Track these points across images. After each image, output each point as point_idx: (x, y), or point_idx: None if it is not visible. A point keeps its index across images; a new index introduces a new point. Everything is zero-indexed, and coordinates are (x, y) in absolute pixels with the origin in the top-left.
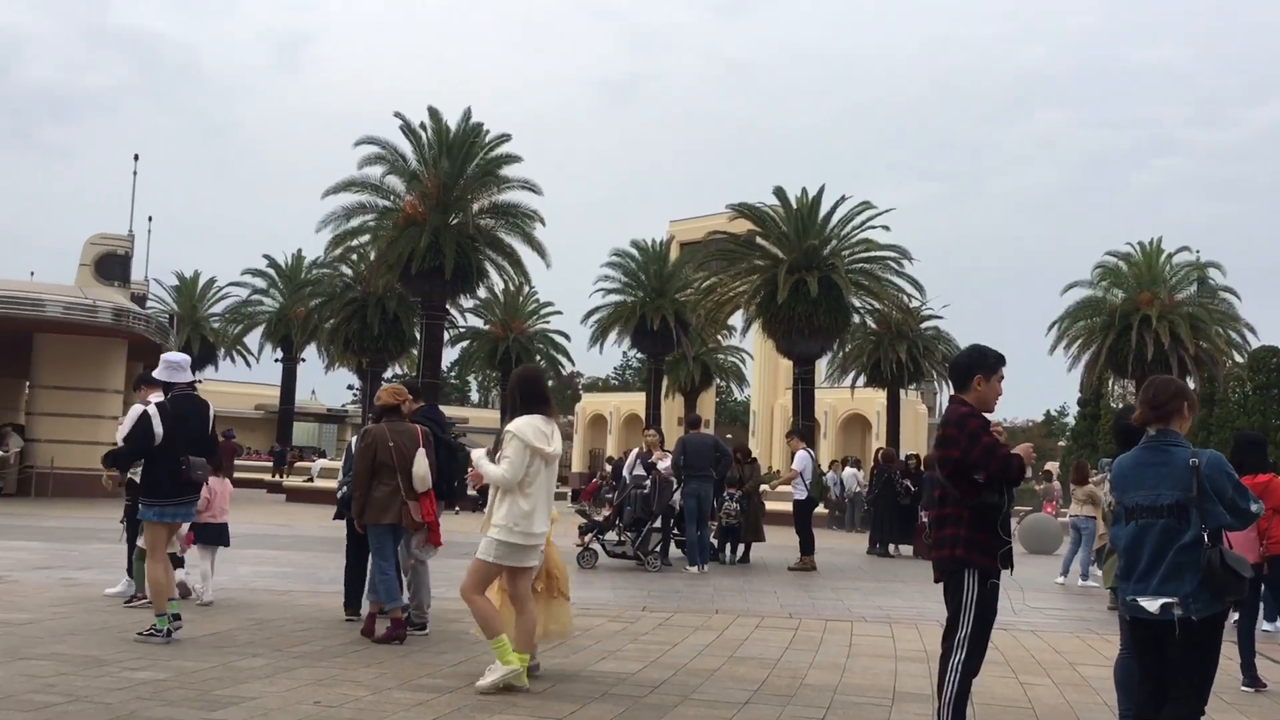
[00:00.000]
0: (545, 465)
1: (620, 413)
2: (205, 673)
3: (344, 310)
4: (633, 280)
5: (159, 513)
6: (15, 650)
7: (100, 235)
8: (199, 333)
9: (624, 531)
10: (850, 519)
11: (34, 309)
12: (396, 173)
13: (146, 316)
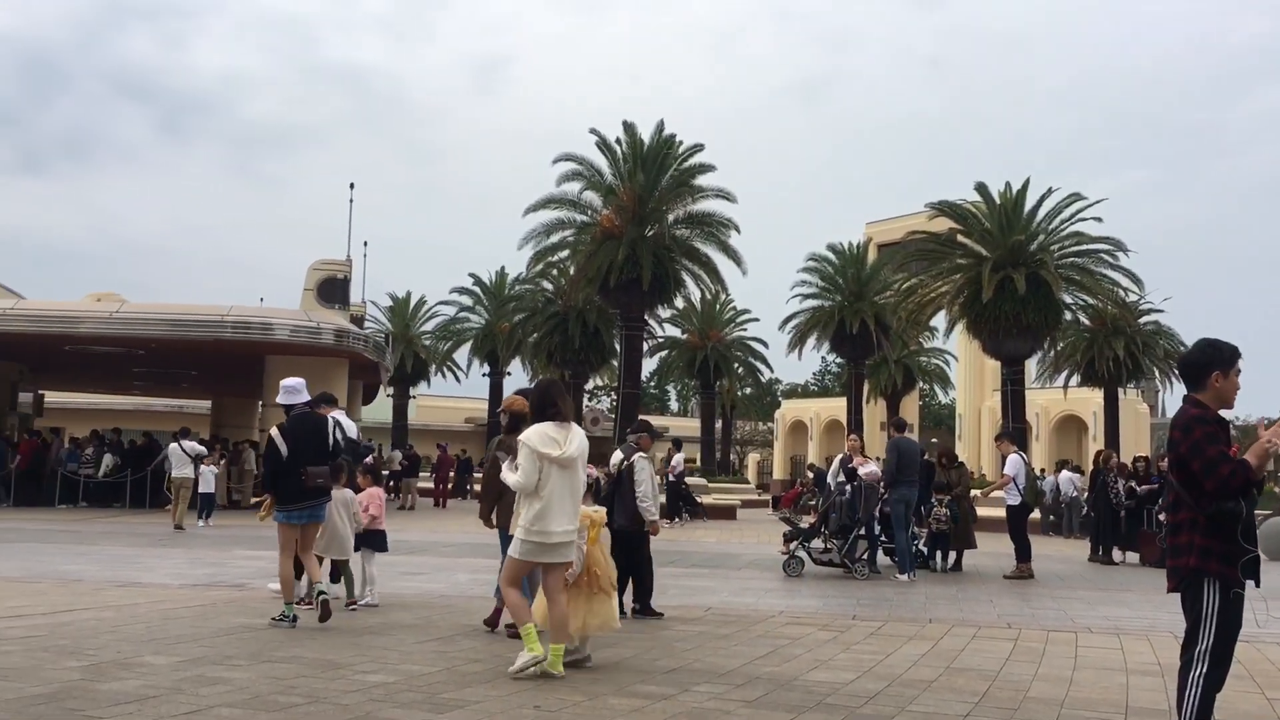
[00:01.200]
0: (559, 469)
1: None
2: (431, 676)
3: (546, 324)
4: (830, 284)
5: (287, 515)
6: (259, 654)
7: (321, 261)
8: (412, 350)
9: (829, 539)
10: (1068, 525)
11: (264, 333)
12: (593, 188)
13: (365, 336)
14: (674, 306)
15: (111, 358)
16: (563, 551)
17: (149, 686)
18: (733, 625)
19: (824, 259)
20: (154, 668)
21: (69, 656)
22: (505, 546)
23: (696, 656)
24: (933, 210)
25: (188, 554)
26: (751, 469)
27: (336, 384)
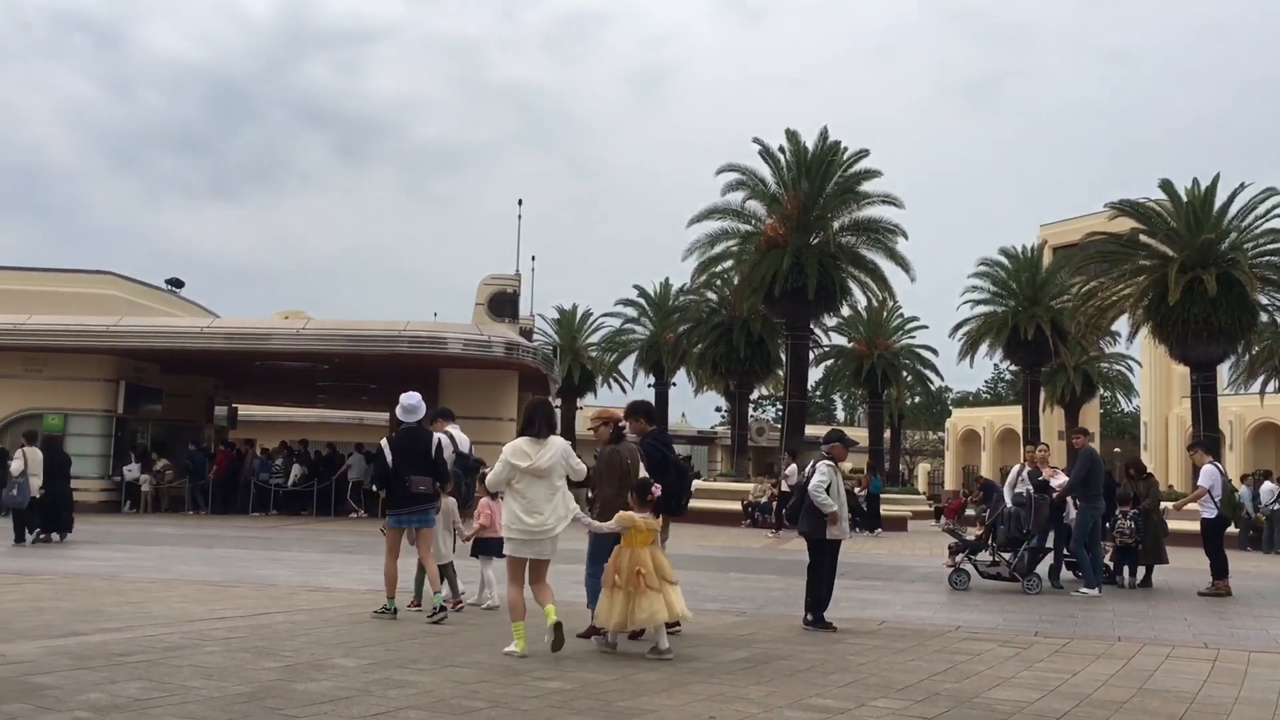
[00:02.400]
0: (533, 476)
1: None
2: (607, 684)
3: (710, 334)
4: (1003, 289)
5: (396, 519)
6: (441, 658)
7: (491, 276)
8: (579, 362)
9: (997, 551)
10: (1270, 539)
11: (438, 346)
12: (757, 197)
13: (533, 349)
14: (840, 315)
15: (298, 372)
16: (540, 545)
17: (340, 688)
18: (908, 639)
19: (996, 263)
20: (344, 670)
21: (267, 657)
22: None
23: (872, 671)
24: (1113, 210)
25: (372, 560)
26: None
27: (507, 396)
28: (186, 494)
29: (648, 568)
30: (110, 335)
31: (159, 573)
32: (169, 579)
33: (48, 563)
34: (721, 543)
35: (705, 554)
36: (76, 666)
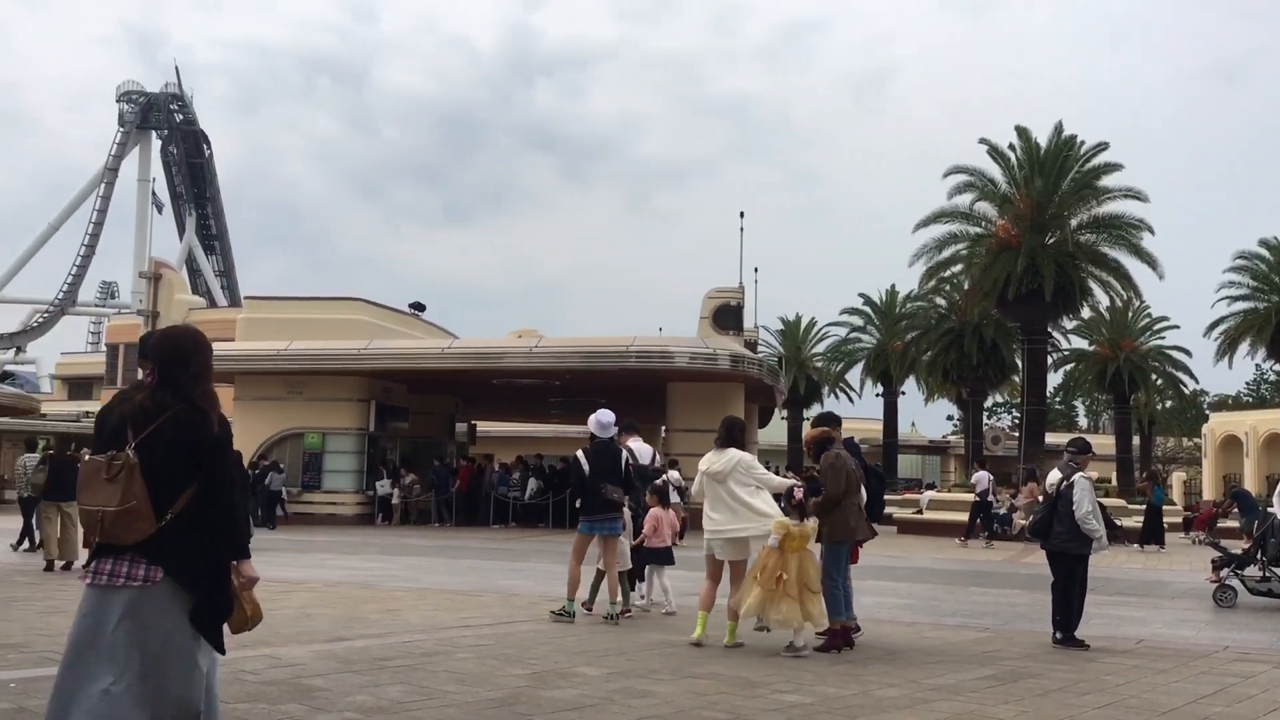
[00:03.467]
0: (714, 482)
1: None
2: (848, 699)
3: (940, 341)
4: (1264, 284)
5: (588, 526)
6: (680, 669)
7: (715, 289)
8: (804, 372)
9: (1268, 566)
10: None
11: (665, 361)
12: (986, 198)
13: (758, 360)
14: (1079, 317)
15: (531, 388)
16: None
17: (585, 696)
18: (1169, 660)
19: (1255, 256)
20: (588, 678)
21: (514, 664)
22: (830, 559)
23: (1131, 692)
24: None
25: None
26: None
27: (733, 408)
28: (432, 507)
29: (790, 575)
30: (361, 358)
31: (410, 582)
32: (420, 588)
33: (314, 572)
34: (958, 555)
35: (941, 566)
36: (343, 670)
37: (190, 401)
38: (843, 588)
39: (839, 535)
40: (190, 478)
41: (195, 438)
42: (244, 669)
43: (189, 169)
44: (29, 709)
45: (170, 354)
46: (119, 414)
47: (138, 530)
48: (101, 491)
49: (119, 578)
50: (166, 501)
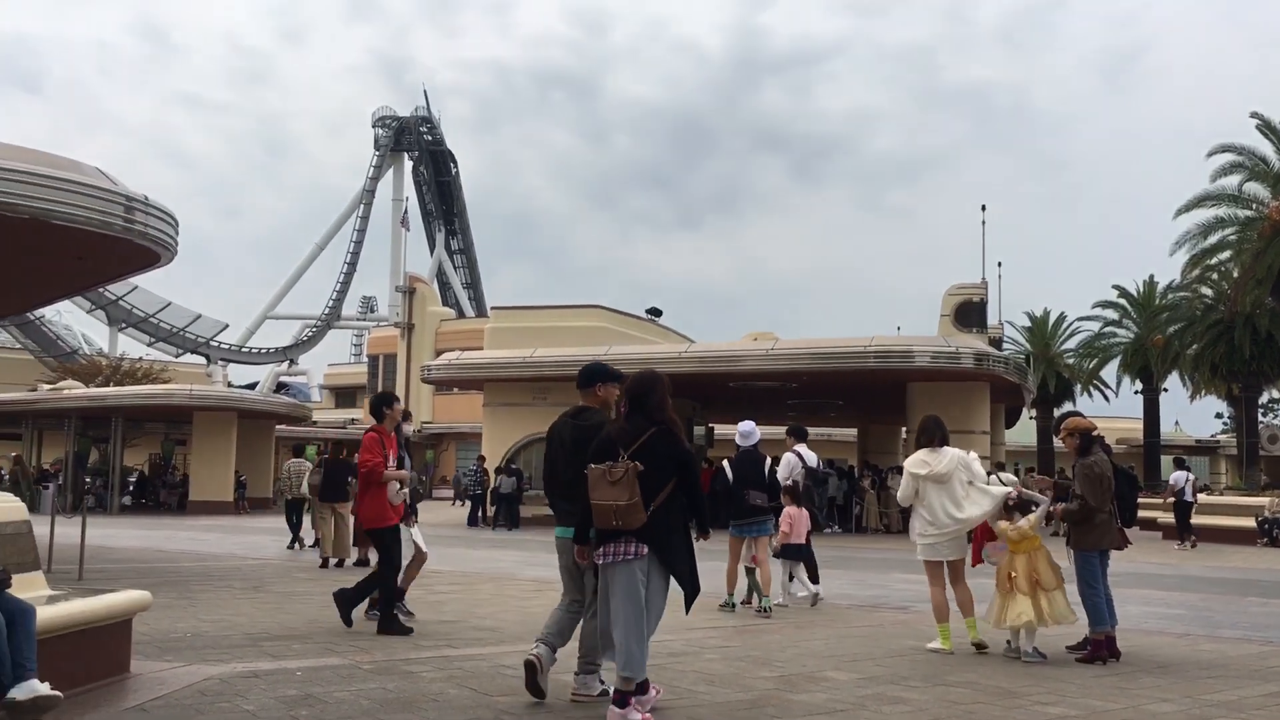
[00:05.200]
0: (934, 484)
1: None
2: (1114, 715)
3: (1207, 334)
4: None
5: (738, 530)
6: (933, 676)
7: (956, 286)
8: (1053, 370)
9: None
10: None
11: (905, 360)
12: (1257, 178)
13: (1004, 358)
14: None
15: (768, 391)
16: (949, 546)
17: (835, 700)
18: None
19: None
20: (837, 683)
21: (762, 666)
22: (1084, 568)
23: None
24: None
25: (849, 575)
26: None
27: (977, 408)
28: None
29: (1019, 572)
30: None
31: None
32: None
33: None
34: (1233, 563)
35: (1215, 575)
36: None
37: (664, 424)
38: (1103, 596)
39: (1088, 544)
40: (666, 480)
41: (673, 450)
42: (504, 664)
43: (438, 187)
44: (314, 695)
45: (639, 390)
46: (606, 434)
47: (636, 520)
48: (609, 491)
49: (620, 555)
50: (650, 497)
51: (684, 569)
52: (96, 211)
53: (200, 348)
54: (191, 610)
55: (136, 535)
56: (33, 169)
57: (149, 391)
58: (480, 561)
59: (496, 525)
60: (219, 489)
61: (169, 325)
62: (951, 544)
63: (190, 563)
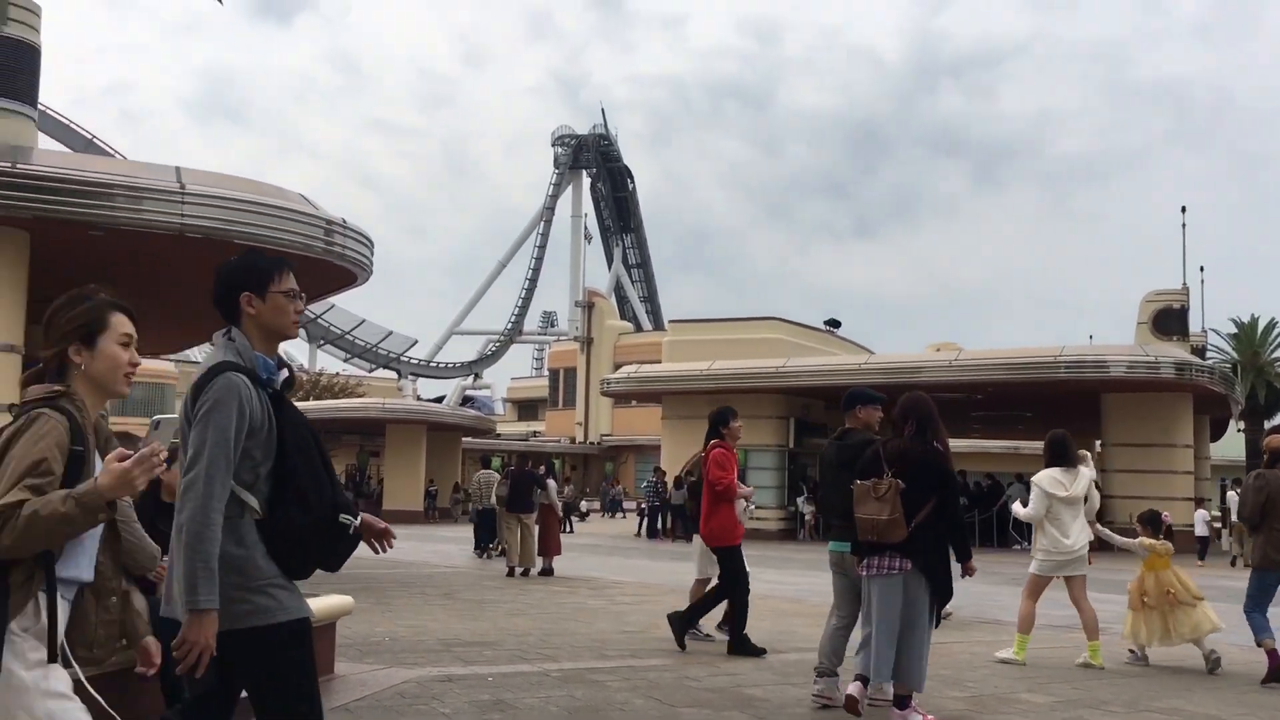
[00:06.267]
0: (1065, 504)
1: None
2: None
3: None
4: None
5: None
6: (1134, 702)
7: (1154, 292)
8: (1263, 379)
9: None
10: None
11: (1098, 370)
12: None
13: (1209, 368)
14: None
15: (951, 403)
16: (1076, 565)
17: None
18: None
19: None
20: (1032, 705)
21: (951, 686)
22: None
23: None
24: None
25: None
26: None
27: (1179, 420)
28: None
29: (1175, 586)
30: (779, 376)
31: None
32: None
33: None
34: None
35: None
36: (781, 682)
37: (933, 445)
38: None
39: (1260, 562)
40: (927, 498)
41: (935, 470)
42: (688, 675)
43: (615, 203)
44: (505, 700)
45: (923, 412)
46: (874, 451)
47: (898, 535)
48: (873, 505)
49: (884, 569)
50: (912, 513)
51: (940, 583)
52: (300, 235)
53: (391, 363)
54: (388, 615)
55: None
56: (244, 196)
57: (345, 405)
58: (661, 573)
59: (675, 537)
60: (410, 498)
61: (363, 342)
62: (1075, 562)
63: (385, 569)
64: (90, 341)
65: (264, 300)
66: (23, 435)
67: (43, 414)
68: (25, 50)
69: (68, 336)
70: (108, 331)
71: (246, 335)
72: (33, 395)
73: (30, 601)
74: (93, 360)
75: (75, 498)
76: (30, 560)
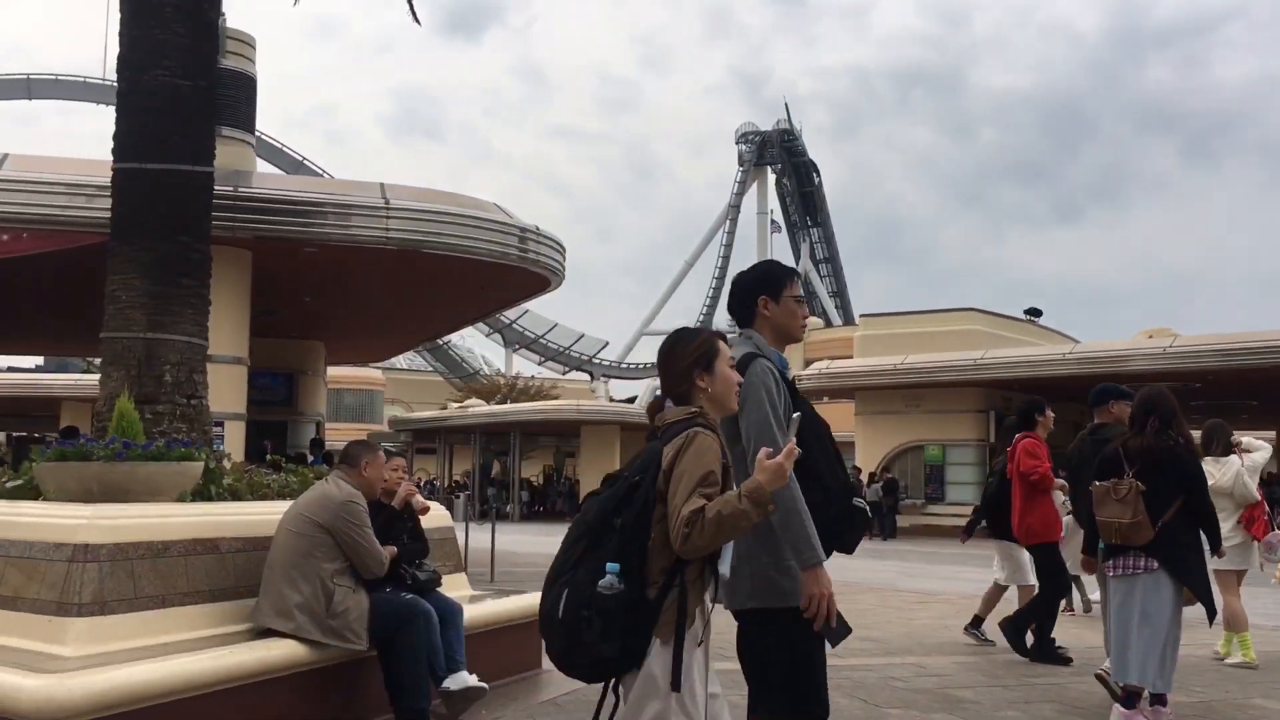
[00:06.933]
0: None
1: None
2: None
3: None
4: None
5: None
6: None
7: None
8: None
9: None
10: None
11: None
12: None
13: None
14: None
15: None
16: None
17: None
18: None
19: None
20: (1267, 712)
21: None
22: None
23: None
24: None
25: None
26: None
27: None
28: None
29: None
30: (978, 368)
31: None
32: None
33: (947, 584)
34: None
35: None
36: (990, 683)
37: (1179, 441)
38: None
39: None
40: (1173, 497)
41: (1180, 468)
42: (892, 675)
43: (801, 198)
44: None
45: (1166, 406)
46: (1113, 450)
47: (1143, 537)
48: (1114, 507)
49: (1129, 569)
50: (1158, 513)
51: (1198, 583)
52: (496, 244)
53: (584, 365)
54: None
55: (536, 541)
56: (443, 208)
57: (541, 407)
58: (859, 571)
59: (872, 535)
60: None
61: (556, 345)
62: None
63: None
64: (709, 367)
65: (778, 304)
66: (686, 452)
67: (699, 432)
68: (243, 80)
69: (694, 366)
70: (720, 357)
71: (761, 335)
72: (675, 417)
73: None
74: (713, 382)
75: (746, 495)
76: (700, 559)
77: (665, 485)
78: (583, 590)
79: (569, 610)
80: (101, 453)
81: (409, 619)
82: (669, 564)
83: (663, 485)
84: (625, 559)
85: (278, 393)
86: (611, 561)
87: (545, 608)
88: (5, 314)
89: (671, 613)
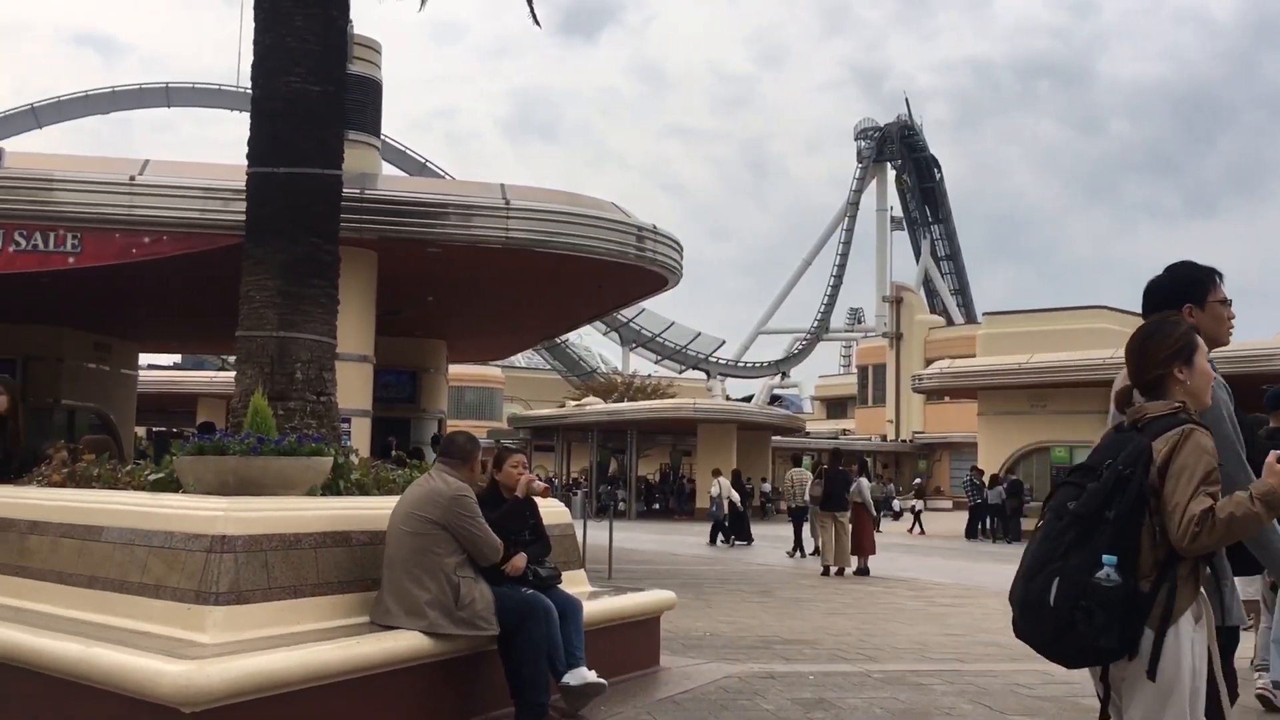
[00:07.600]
0: None
1: None
2: None
3: None
4: None
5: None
6: None
7: None
8: None
9: None
10: None
11: None
12: None
13: None
14: None
15: None
16: None
17: None
18: None
19: None
20: None
21: None
22: None
23: None
24: None
25: None
26: None
27: None
28: None
29: None
30: (1106, 368)
31: None
32: None
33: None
34: None
35: None
36: None
37: None
38: None
39: None
40: None
41: None
42: (1018, 682)
43: (921, 194)
44: (827, 700)
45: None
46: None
47: None
48: None
49: None
50: None
51: None
52: (614, 243)
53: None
54: (707, 612)
55: (652, 539)
56: (561, 208)
57: (658, 406)
58: (981, 575)
59: (997, 538)
60: None
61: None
62: None
63: (702, 566)
64: (1190, 360)
65: (1204, 310)
66: (1184, 449)
67: (1195, 429)
68: (369, 85)
69: (1174, 357)
70: (1200, 351)
71: None
72: (1159, 411)
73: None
74: (1192, 375)
75: (1260, 498)
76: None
77: (1159, 481)
78: (1076, 580)
79: (1063, 599)
80: (237, 448)
81: (530, 614)
82: (1162, 558)
83: (1155, 480)
84: (1119, 551)
85: (402, 390)
86: (1107, 554)
87: (1030, 595)
88: (147, 314)
89: (1163, 606)
